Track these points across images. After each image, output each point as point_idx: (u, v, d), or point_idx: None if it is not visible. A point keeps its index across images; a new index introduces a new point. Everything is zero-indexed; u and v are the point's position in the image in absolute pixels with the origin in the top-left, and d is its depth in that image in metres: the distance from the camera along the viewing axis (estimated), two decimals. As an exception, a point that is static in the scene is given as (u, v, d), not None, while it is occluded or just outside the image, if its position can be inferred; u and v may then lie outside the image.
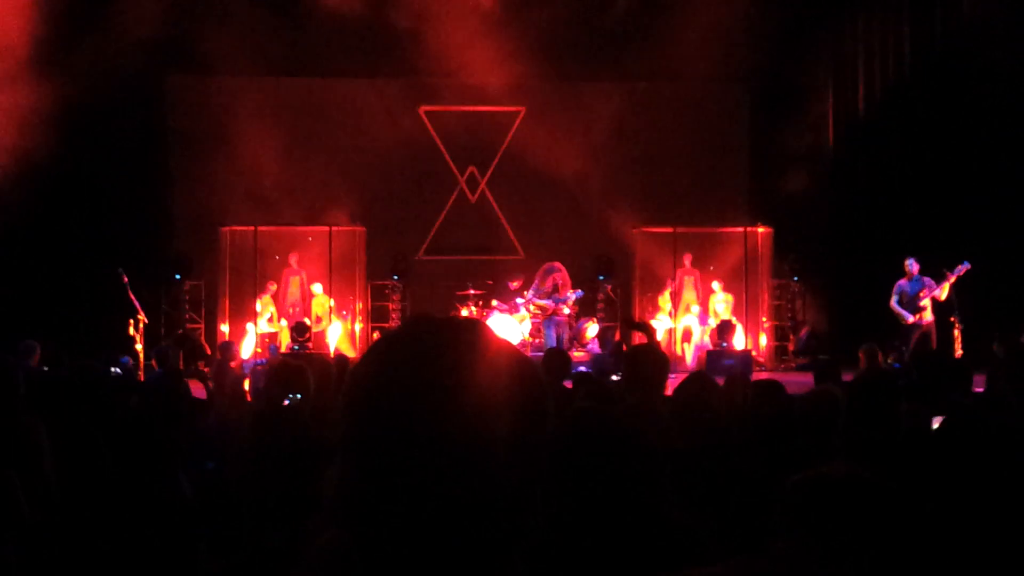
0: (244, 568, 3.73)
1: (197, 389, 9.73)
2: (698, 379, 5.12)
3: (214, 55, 16.42)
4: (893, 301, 14.53)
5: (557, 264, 15.86)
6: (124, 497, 3.75)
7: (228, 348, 12.49)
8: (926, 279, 14.39)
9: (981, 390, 6.70)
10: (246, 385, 9.99)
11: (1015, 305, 14.36)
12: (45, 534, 3.51)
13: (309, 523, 3.15)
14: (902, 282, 14.53)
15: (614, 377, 9.85)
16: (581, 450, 2.64)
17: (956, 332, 14.36)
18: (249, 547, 3.85)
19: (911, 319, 14.35)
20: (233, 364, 10.54)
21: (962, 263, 14.12)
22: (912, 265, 14.46)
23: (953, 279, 14.17)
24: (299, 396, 5.07)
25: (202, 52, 16.56)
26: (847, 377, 7.88)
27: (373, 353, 1.47)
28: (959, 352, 14.13)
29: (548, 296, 15.67)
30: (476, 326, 1.48)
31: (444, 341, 1.44)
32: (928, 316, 14.41)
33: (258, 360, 15.00)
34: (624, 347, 16.17)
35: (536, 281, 15.89)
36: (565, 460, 2.58)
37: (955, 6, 16.41)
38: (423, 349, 1.43)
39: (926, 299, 14.35)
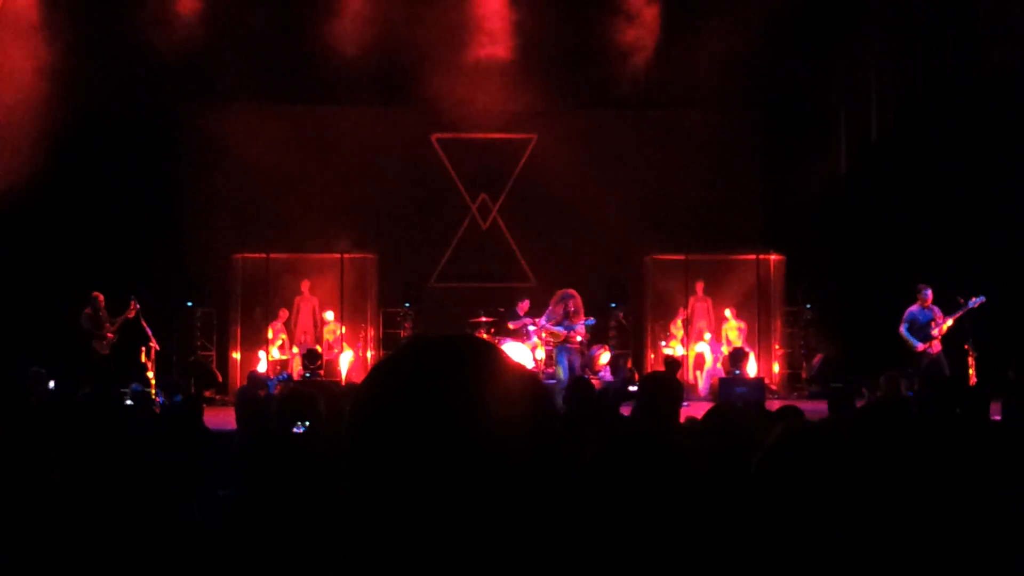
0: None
1: (213, 416, 9.70)
2: (726, 411, 5.02)
3: (227, 82, 16.52)
4: (903, 328, 14.37)
5: (572, 291, 15.79)
6: (133, 522, 3.73)
7: (256, 377, 12.52)
8: (935, 308, 14.24)
9: (998, 418, 6.64)
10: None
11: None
12: (52, 560, 3.49)
13: (319, 549, 3.12)
14: (914, 309, 14.34)
15: (632, 388, 9.82)
16: (624, 472, 2.60)
17: (970, 359, 14.28)
18: (257, 572, 3.82)
19: (920, 347, 14.18)
20: (262, 393, 10.53)
21: (978, 296, 13.98)
22: (927, 293, 14.30)
23: (961, 314, 14.06)
24: (308, 423, 5.05)
25: (215, 79, 16.67)
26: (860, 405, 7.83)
27: (375, 375, 1.45)
28: (973, 379, 14.05)
29: (561, 323, 15.62)
30: (473, 341, 1.47)
31: (443, 359, 1.43)
32: (937, 345, 14.25)
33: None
34: (636, 375, 16.16)
35: (550, 307, 15.84)
36: (606, 481, 2.55)
37: (968, 29, 16.39)
38: (424, 368, 1.42)
39: (936, 328, 14.19)
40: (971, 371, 14.25)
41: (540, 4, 16.97)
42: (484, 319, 16.88)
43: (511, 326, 16.68)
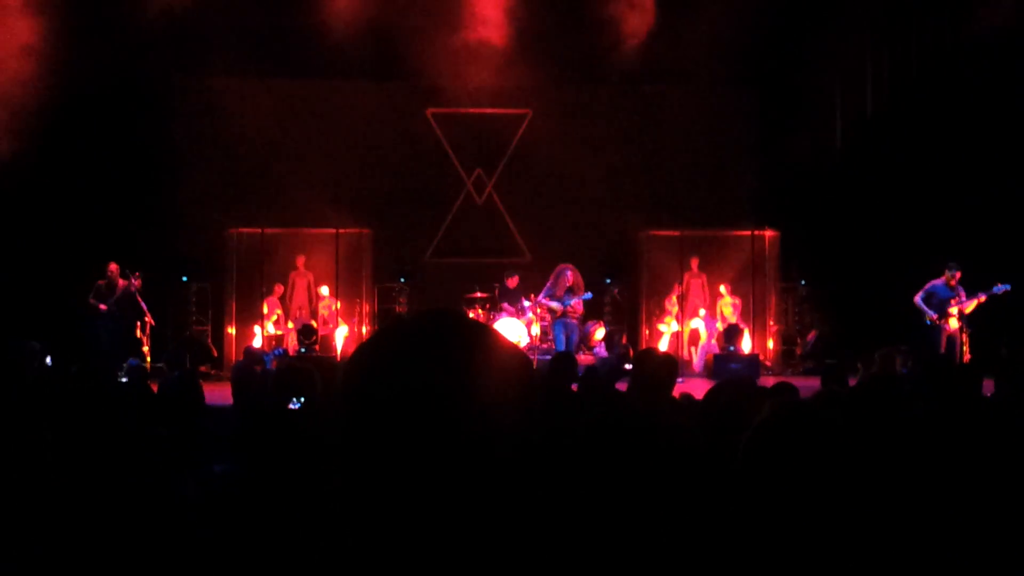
0: (248, 570, 3.71)
1: (208, 392, 9.68)
2: (728, 388, 5.00)
3: (222, 56, 16.44)
4: (919, 297, 14.27)
5: (571, 266, 15.79)
6: (126, 497, 3.74)
7: (252, 353, 12.50)
8: (960, 289, 14.16)
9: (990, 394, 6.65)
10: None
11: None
12: (44, 534, 3.50)
13: (315, 526, 3.13)
14: (938, 283, 14.20)
15: (628, 367, 9.84)
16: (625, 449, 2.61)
17: (964, 336, 14.29)
18: (252, 550, 3.83)
19: (933, 316, 14.13)
20: (258, 368, 10.51)
21: (1004, 284, 13.90)
22: (955, 273, 14.16)
23: (984, 298, 13.99)
24: (304, 399, 5.05)
25: (209, 53, 16.58)
26: (853, 382, 7.84)
27: (357, 357, 1.46)
28: (967, 356, 14.07)
29: (561, 298, 15.62)
30: (455, 317, 1.47)
31: (424, 338, 1.43)
32: (953, 324, 14.20)
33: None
34: (631, 351, 16.19)
35: (549, 282, 15.83)
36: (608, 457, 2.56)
37: (963, 4, 16.32)
38: (404, 348, 1.43)
39: (955, 308, 14.13)
40: (965, 348, 14.26)
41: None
42: (479, 294, 16.87)
43: (505, 308, 16.60)
